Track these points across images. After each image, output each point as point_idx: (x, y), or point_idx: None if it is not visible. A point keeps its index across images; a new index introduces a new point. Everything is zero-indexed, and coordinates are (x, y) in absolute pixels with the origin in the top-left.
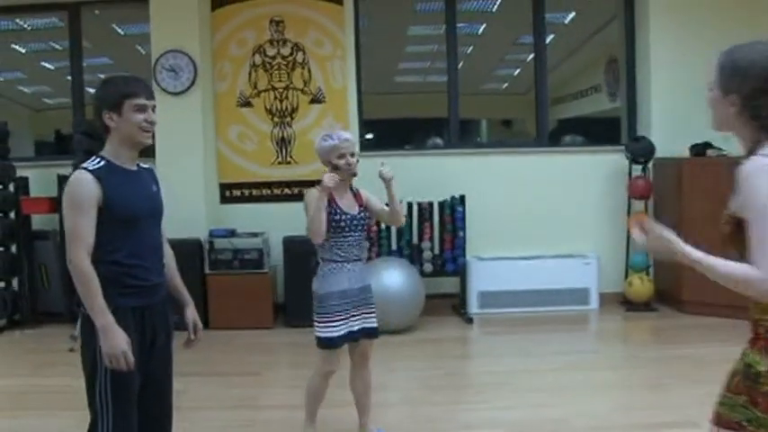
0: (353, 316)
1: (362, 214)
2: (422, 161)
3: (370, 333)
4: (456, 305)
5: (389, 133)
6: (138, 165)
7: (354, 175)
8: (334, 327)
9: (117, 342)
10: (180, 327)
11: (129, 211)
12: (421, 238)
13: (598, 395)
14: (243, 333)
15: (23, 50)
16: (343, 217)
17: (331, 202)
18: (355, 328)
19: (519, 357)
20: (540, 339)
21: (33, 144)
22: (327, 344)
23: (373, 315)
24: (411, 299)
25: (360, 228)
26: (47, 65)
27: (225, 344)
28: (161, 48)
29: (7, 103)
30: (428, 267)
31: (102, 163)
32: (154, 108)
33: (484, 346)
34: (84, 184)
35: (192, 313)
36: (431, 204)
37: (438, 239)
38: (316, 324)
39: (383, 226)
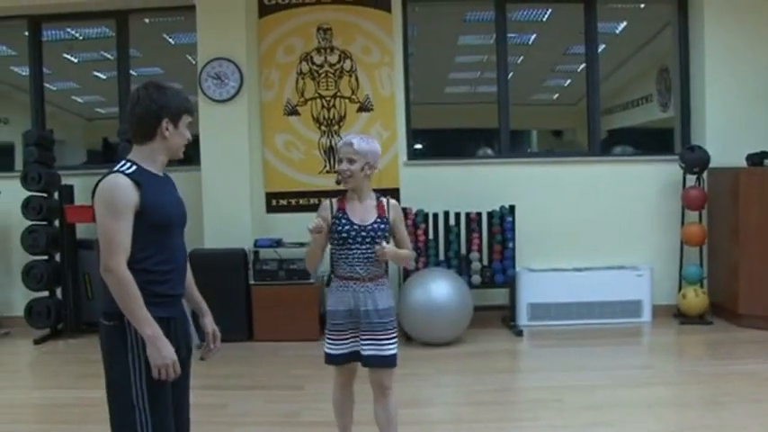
0: (363, 339)
1: (377, 225)
2: (471, 171)
3: (384, 362)
4: (505, 317)
5: (438, 143)
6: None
7: (338, 182)
8: (336, 344)
9: (167, 352)
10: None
11: (165, 216)
12: (469, 249)
13: (653, 413)
14: (287, 345)
15: (76, 60)
16: (346, 227)
17: (339, 209)
18: (365, 353)
19: (570, 372)
20: (592, 353)
21: (86, 153)
22: (328, 359)
23: (389, 342)
24: (459, 311)
25: (370, 240)
26: (99, 74)
27: (268, 356)
28: (207, 55)
29: (61, 113)
30: (476, 279)
31: (135, 167)
32: None
33: (534, 360)
34: (123, 188)
35: (210, 323)
36: (479, 215)
37: (487, 250)
38: (324, 337)
39: (431, 235)
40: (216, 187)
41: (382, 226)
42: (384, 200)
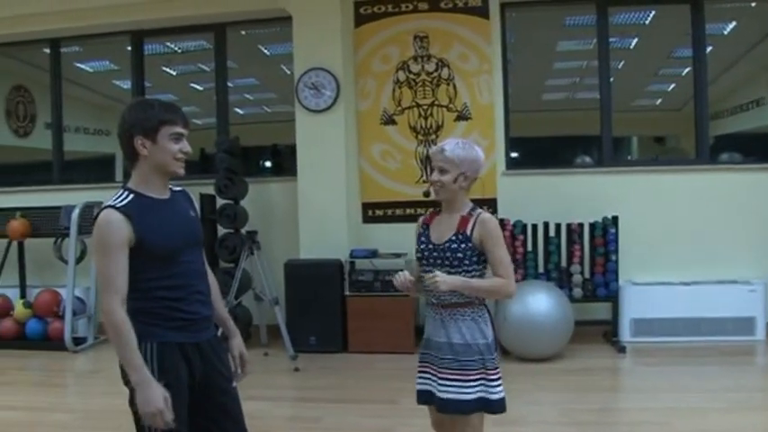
0: (438, 376)
1: (449, 244)
2: (572, 180)
3: (457, 407)
4: (607, 333)
5: (536, 151)
6: (170, 189)
7: (426, 194)
8: (419, 377)
9: (153, 399)
10: None
11: (165, 245)
12: (570, 262)
13: None
14: (382, 357)
15: (174, 73)
16: (422, 246)
17: (425, 224)
18: (438, 394)
19: (677, 393)
20: (701, 373)
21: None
22: (416, 395)
23: (466, 384)
24: (559, 325)
25: (441, 262)
26: (196, 86)
27: (363, 369)
28: (304, 66)
29: None
30: (578, 292)
31: (131, 197)
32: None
33: (638, 378)
34: (113, 225)
35: (238, 345)
36: (581, 226)
37: (588, 263)
38: None
39: (530, 247)
40: (312, 197)
41: (454, 245)
42: (474, 213)
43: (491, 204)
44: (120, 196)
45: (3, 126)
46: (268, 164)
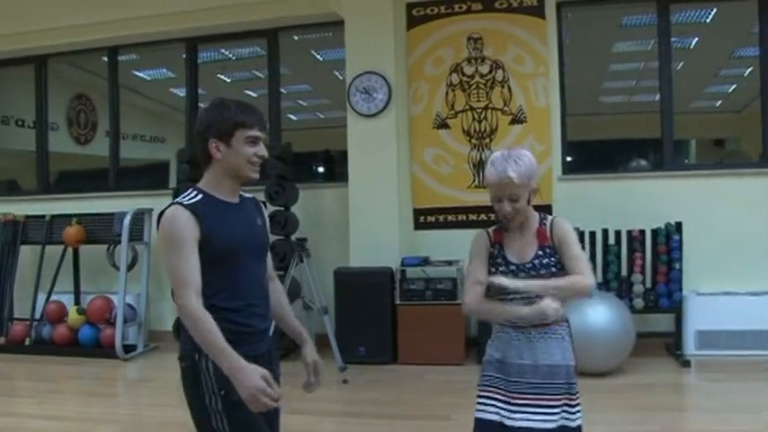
0: (515, 404)
1: (540, 260)
2: (631, 185)
3: None
4: (670, 346)
5: (592, 155)
6: (240, 195)
7: (506, 229)
8: (483, 404)
9: (251, 381)
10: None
11: (228, 244)
12: (631, 271)
13: None
14: (432, 369)
15: (228, 80)
16: (501, 268)
17: (496, 242)
18: (516, 423)
19: (747, 414)
20: None
21: None
22: (475, 425)
23: (552, 409)
24: (619, 338)
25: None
26: (250, 93)
27: (413, 381)
28: (356, 70)
29: None
30: (639, 303)
31: (199, 196)
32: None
33: (703, 395)
34: (181, 220)
35: (311, 352)
36: (642, 233)
37: (650, 272)
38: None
39: (588, 255)
40: (363, 204)
41: (545, 260)
42: (546, 222)
43: (547, 210)
44: (188, 195)
45: (65, 134)
46: (320, 169)
